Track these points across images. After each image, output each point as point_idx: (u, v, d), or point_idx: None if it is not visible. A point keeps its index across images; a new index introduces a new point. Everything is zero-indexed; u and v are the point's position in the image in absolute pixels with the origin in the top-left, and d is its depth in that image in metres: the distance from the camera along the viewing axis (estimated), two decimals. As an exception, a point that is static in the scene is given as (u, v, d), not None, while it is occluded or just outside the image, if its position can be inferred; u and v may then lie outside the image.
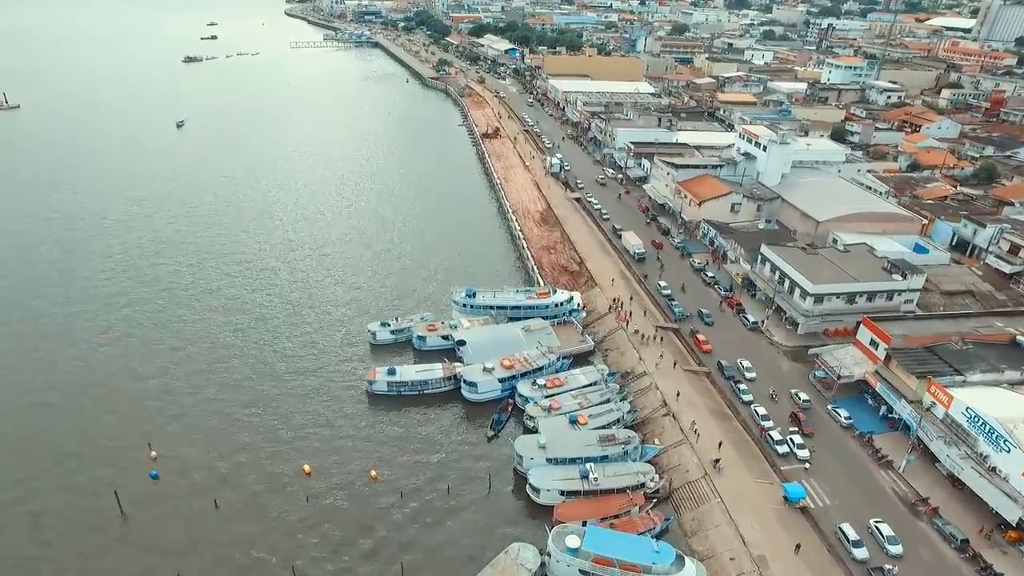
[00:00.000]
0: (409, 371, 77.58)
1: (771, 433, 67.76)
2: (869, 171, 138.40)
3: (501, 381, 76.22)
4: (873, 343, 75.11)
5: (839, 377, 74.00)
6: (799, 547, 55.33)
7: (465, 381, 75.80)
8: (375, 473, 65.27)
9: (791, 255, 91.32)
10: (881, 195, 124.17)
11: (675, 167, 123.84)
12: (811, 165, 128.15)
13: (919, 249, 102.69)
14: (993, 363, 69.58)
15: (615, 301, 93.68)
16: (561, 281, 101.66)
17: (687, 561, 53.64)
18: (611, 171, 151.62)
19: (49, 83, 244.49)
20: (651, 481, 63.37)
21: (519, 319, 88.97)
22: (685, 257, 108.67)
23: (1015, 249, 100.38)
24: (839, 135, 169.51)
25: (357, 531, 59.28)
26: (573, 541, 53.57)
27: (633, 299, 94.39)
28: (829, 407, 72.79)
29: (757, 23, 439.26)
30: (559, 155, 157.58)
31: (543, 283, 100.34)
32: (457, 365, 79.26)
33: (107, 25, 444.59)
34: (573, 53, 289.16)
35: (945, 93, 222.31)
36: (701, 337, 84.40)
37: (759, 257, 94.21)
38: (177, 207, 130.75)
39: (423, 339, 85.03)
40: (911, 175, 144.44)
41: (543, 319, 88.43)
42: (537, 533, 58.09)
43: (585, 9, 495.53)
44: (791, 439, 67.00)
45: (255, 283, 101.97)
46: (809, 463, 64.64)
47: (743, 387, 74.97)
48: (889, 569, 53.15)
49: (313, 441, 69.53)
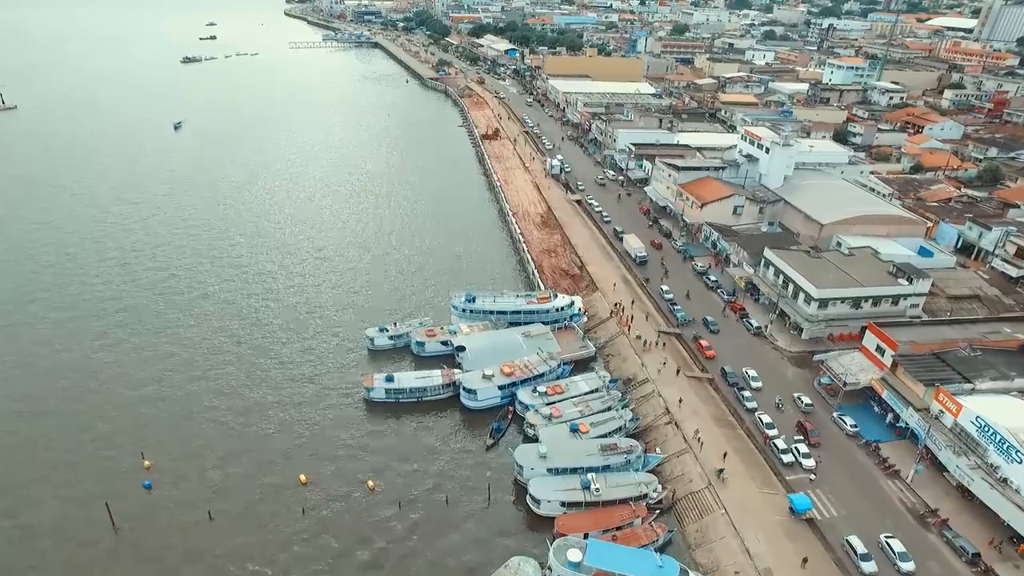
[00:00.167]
0: (407, 378, 76.23)
1: (776, 442, 66.51)
2: (872, 173, 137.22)
3: (501, 388, 74.93)
4: (879, 349, 73.86)
5: (845, 384, 72.75)
6: (806, 561, 54.06)
7: (464, 388, 74.50)
8: (373, 483, 64.05)
9: (795, 259, 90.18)
10: (884, 197, 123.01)
11: (677, 169, 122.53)
12: (814, 167, 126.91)
13: (924, 252, 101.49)
14: (1002, 370, 68.37)
15: (616, 306, 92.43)
16: (562, 285, 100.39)
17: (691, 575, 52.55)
18: (612, 173, 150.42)
19: (47, 83, 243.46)
20: (654, 492, 62.12)
21: (519, 324, 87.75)
22: (687, 260, 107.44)
23: (1022, 252, 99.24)
24: (841, 136, 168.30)
25: (355, 543, 58.02)
26: (575, 555, 52.31)
27: (635, 303, 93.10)
28: (835, 414, 71.54)
29: (758, 23, 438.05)
30: (559, 156, 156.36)
31: (544, 287, 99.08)
32: (456, 371, 77.95)
33: (106, 25, 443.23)
34: (573, 53, 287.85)
35: (947, 94, 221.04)
36: (704, 343, 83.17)
37: (762, 261, 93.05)
38: (173, 210, 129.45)
39: (422, 345, 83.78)
40: (914, 177, 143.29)
41: (544, 324, 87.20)
42: (538, 546, 56.86)
43: (585, 9, 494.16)
44: (796, 448, 65.77)
45: (251, 288, 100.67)
46: (815, 473, 63.40)
47: (747, 394, 73.74)
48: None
49: (309, 450, 68.29)
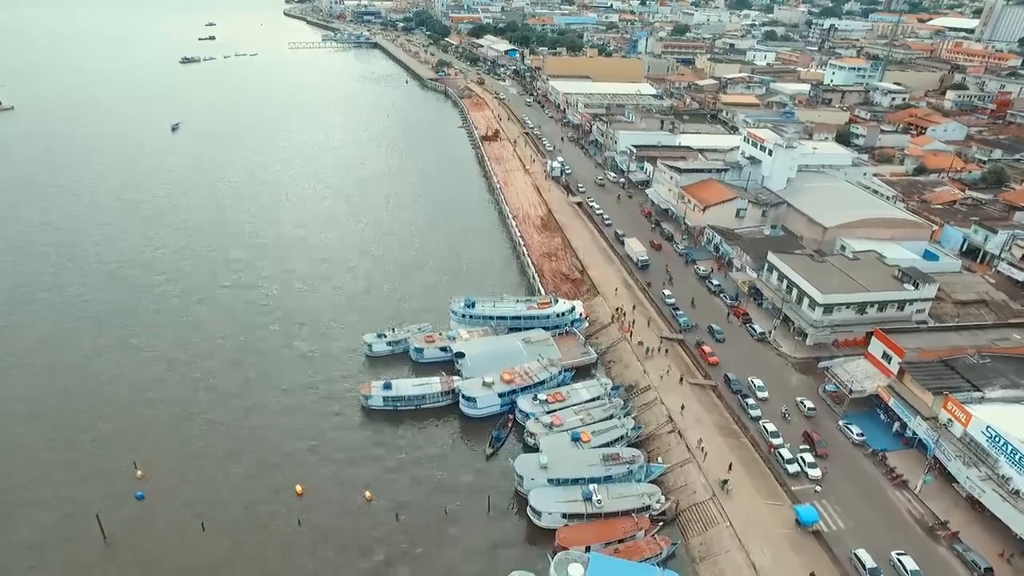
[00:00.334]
0: (406, 385, 74.86)
1: (781, 451, 65.22)
2: (875, 175, 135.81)
3: (501, 396, 73.54)
4: (886, 356, 72.57)
5: (850, 391, 71.45)
6: (813, 575, 52.75)
7: (464, 396, 73.12)
8: (370, 493, 62.72)
9: (799, 263, 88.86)
10: (888, 200, 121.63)
11: (678, 171, 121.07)
12: (817, 169, 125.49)
13: (929, 256, 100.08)
14: (1012, 379, 66.95)
15: (618, 311, 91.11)
16: (563, 289, 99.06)
17: (696, 591, 51.36)
18: (612, 174, 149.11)
19: (44, 84, 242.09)
20: (657, 503, 60.75)
21: (519, 330, 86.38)
22: (689, 264, 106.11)
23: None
24: (843, 138, 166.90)
25: (351, 555, 56.76)
26: (576, 570, 50.95)
27: (636, 308, 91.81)
28: (840, 422, 70.23)
29: (758, 24, 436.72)
30: (560, 158, 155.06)
31: (544, 292, 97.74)
32: (455, 378, 76.61)
33: (105, 25, 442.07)
34: (573, 54, 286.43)
35: (950, 95, 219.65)
36: (707, 349, 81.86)
37: (766, 265, 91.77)
38: (171, 212, 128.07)
39: (420, 351, 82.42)
40: (918, 179, 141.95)
41: (544, 330, 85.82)
42: (538, 559, 55.50)
43: (585, 9, 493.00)
44: (802, 458, 64.48)
45: (248, 291, 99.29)
46: (821, 484, 62.10)
47: (751, 402, 72.44)
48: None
49: (305, 459, 66.93)
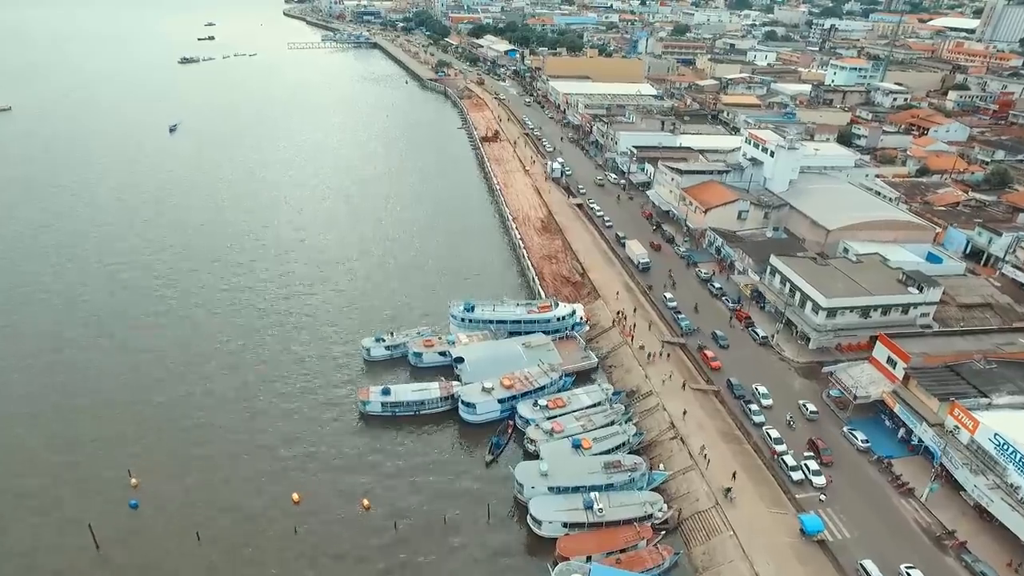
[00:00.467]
0: (404, 391, 73.86)
1: (784, 458, 64.29)
2: (878, 176, 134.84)
3: (501, 402, 72.59)
4: (890, 361, 71.60)
5: (855, 397, 70.53)
6: (819, 586, 51.96)
7: (463, 402, 72.16)
8: (367, 501, 61.79)
9: (802, 266, 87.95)
10: (891, 201, 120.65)
11: (680, 173, 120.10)
12: (819, 170, 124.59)
13: (932, 258, 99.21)
14: (1020, 385, 65.89)
15: (619, 314, 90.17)
16: (563, 292, 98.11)
17: (699, 602, 50.43)
18: (613, 176, 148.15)
19: (42, 84, 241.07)
20: (659, 511, 59.74)
21: (519, 334, 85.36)
22: (691, 267, 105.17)
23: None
24: (845, 139, 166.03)
25: (349, 565, 55.86)
26: (577, 581, 50.19)
27: (637, 311, 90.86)
28: (845, 429, 69.31)
29: (759, 24, 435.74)
30: (560, 159, 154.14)
31: (544, 295, 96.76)
32: (455, 384, 75.62)
33: (105, 25, 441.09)
34: (574, 54, 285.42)
35: (951, 95, 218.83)
36: (709, 353, 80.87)
37: (768, 268, 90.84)
38: (169, 214, 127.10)
39: (419, 355, 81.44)
40: (921, 180, 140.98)
41: (544, 334, 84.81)
42: (539, 570, 54.64)
43: (585, 9, 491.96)
44: (806, 465, 63.54)
45: (247, 294, 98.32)
46: (825, 492, 61.15)
47: (754, 407, 71.52)
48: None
49: (302, 466, 65.97)
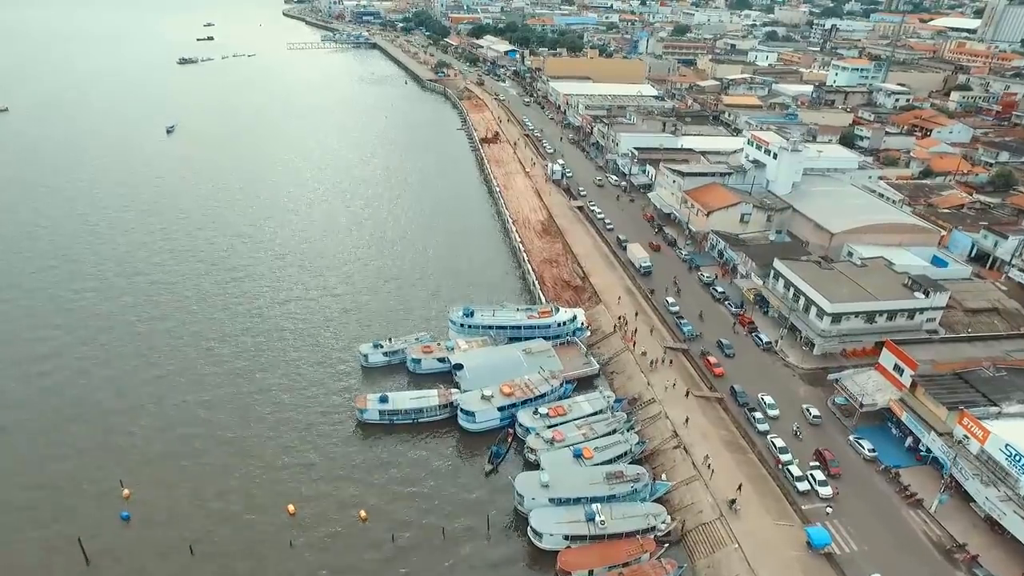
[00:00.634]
0: (402, 398, 72.59)
1: (790, 468, 63.02)
2: (881, 178, 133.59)
3: (500, 409, 71.27)
4: (897, 368, 70.29)
5: (861, 405, 69.22)
6: (826, 602, 50.70)
7: (462, 410, 70.86)
8: (364, 513, 60.55)
9: (806, 270, 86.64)
10: (895, 204, 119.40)
11: (681, 175, 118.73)
12: (822, 173, 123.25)
13: (938, 262, 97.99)
14: (1030, 393, 64.80)
15: (620, 319, 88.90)
16: (564, 297, 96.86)
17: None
18: (614, 178, 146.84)
19: (40, 85, 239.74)
20: (662, 523, 58.47)
21: (519, 340, 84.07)
22: (693, 270, 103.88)
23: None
24: (848, 140, 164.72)
25: (344, 580, 54.71)
26: (579, 597, 48.92)
27: (638, 316, 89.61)
28: (851, 437, 68.01)
29: (759, 24, 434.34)
30: (561, 161, 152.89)
31: (545, 300, 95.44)
32: (454, 391, 74.36)
33: (104, 25, 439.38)
34: (574, 55, 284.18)
35: (954, 95, 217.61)
36: (712, 359, 79.60)
37: (772, 272, 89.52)
38: (164, 218, 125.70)
39: (418, 362, 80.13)
40: (924, 182, 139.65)
41: (545, 340, 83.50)
42: (539, 584, 53.51)
43: (586, 10, 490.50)
44: (812, 475, 62.26)
45: (242, 299, 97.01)
46: (832, 504, 59.88)
47: (758, 415, 70.23)
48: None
49: (297, 477, 64.70)
